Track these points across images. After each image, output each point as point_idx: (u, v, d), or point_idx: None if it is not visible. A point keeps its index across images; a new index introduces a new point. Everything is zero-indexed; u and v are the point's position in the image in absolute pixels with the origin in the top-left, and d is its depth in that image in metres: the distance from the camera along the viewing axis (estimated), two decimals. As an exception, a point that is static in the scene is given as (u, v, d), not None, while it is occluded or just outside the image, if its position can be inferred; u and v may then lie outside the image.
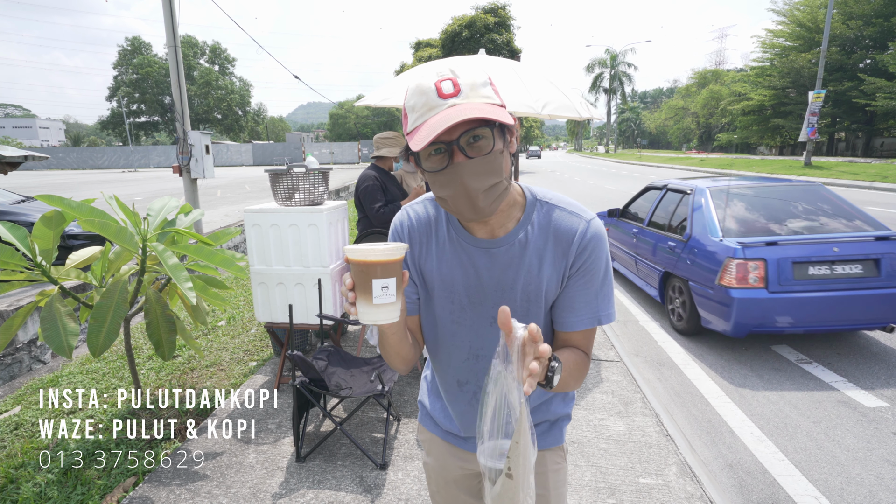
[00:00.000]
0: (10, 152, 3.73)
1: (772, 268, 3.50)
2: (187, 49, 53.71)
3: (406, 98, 0.88)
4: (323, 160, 38.22)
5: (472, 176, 0.85)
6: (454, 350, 1.06)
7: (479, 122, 0.83)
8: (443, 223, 1.03)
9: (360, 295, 0.80)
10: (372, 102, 3.89)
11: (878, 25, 26.22)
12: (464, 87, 0.84)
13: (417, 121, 0.85)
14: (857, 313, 3.52)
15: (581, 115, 3.74)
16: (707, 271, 3.80)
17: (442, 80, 0.84)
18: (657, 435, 2.73)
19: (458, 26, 26.55)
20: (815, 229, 3.83)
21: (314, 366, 2.51)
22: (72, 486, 2.36)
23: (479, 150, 0.85)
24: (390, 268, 0.79)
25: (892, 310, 3.49)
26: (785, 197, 4.24)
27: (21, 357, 3.83)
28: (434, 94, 0.83)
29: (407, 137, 0.88)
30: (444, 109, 0.82)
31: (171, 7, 7.01)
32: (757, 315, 3.52)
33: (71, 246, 6.00)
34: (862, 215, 4.01)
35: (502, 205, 0.95)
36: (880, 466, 2.52)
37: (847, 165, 21.73)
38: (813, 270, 3.52)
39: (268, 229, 3.17)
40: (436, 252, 1.02)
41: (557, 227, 0.97)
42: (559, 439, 1.15)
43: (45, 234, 2.33)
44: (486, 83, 0.86)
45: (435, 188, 0.90)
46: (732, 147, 46.79)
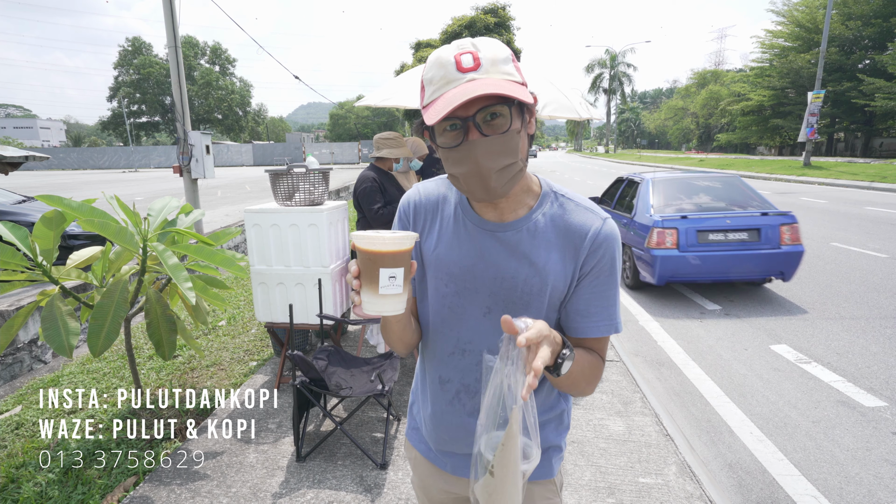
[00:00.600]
0: (11, 152, 3.73)
1: (682, 234, 4.84)
2: (188, 49, 53.71)
3: (424, 70, 0.85)
4: (323, 160, 38.21)
5: (487, 154, 0.81)
6: (441, 340, 1.00)
7: (497, 99, 0.79)
8: (451, 201, 0.99)
9: (365, 284, 0.77)
10: (372, 103, 3.90)
11: (877, 26, 26.24)
12: (484, 62, 0.80)
13: (434, 94, 0.82)
14: (744, 268, 4.86)
15: (581, 116, 3.75)
16: (641, 238, 5.13)
17: (462, 52, 0.80)
18: (657, 434, 2.73)
19: (459, 27, 26.55)
20: (717, 208, 5.15)
21: (314, 366, 2.51)
22: (72, 486, 2.37)
23: (496, 128, 0.81)
24: (399, 258, 0.76)
25: (769, 266, 4.83)
26: (705, 185, 5.61)
27: (22, 357, 3.83)
28: (453, 67, 0.80)
29: (423, 111, 0.84)
30: (463, 83, 0.79)
31: (172, 7, 7.02)
32: (672, 268, 4.87)
33: (71, 246, 6.00)
34: (759, 199, 5.29)
35: (515, 188, 0.91)
36: (879, 466, 2.52)
37: (846, 165, 21.74)
38: (712, 237, 4.87)
39: (268, 229, 3.17)
40: (438, 230, 0.98)
41: (570, 221, 0.92)
42: (550, 472, 1.05)
43: (46, 234, 2.34)
44: (508, 59, 0.82)
45: (448, 165, 0.87)
46: (732, 147, 46.80)
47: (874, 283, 5.43)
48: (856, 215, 9.80)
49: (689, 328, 4.50)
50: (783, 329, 4.33)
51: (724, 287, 5.60)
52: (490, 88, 0.76)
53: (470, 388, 0.99)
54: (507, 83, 0.79)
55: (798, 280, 5.59)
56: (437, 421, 1.04)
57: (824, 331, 4.24)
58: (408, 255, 0.78)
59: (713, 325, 4.53)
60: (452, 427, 1.02)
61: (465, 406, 1.00)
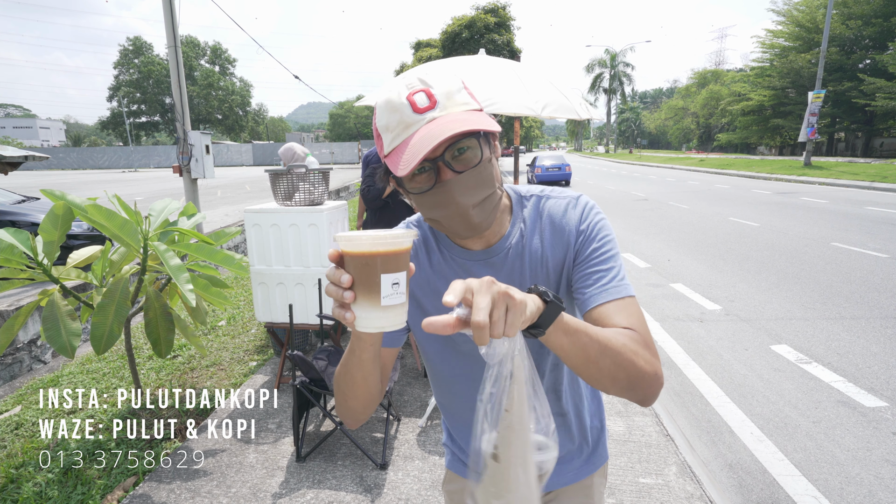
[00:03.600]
0: (11, 152, 3.73)
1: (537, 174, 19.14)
2: (189, 49, 53.76)
3: (376, 118, 0.79)
4: (323, 160, 38.23)
5: (464, 191, 0.77)
6: (465, 379, 0.96)
7: (464, 134, 0.74)
8: (432, 244, 0.94)
9: (361, 295, 0.64)
10: (372, 102, 3.90)
11: (877, 25, 26.23)
12: (440, 98, 0.75)
13: (394, 141, 0.76)
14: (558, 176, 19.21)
15: (580, 116, 3.75)
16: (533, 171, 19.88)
17: (413, 92, 0.75)
18: (657, 435, 2.73)
19: (458, 26, 26.54)
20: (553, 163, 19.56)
21: (314, 366, 2.51)
22: (72, 486, 2.36)
23: (467, 162, 0.77)
24: (402, 258, 0.64)
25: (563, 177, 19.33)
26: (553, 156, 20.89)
27: (21, 357, 3.83)
28: (408, 110, 0.75)
29: (386, 161, 0.78)
30: (424, 125, 0.74)
31: (172, 7, 7.02)
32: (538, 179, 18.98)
33: (71, 246, 6.00)
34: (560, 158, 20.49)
35: None
36: (880, 466, 2.52)
37: (847, 165, 21.73)
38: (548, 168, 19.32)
39: (268, 229, 3.17)
40: (431, 275, 0.93)
41: (550, 215, 0.91)
42: (604, 455, 1.06)
43: (52, 229, 2.35)
44: (461, 88, 0.79)
45: (424, 210, 0.81)
46: (732, 147, 46.81)
47: (875, 283, 5.42)
48: (856, 215, 9.80)
49: (690, 328, 4.50)
50: (784, 329, 4.33)
51: (724, 287, 5.60)
52: (457, 127, 0.71)
53: None
54: (469, 115, 0.75)
55: (798, 280, 5.60)
56: None
57: (825, 331, 4.24)
58: (408, 256, 0.68)
59: (713, 326, 4.53)
60: None
61: None
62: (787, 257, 6.67)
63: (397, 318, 0.65)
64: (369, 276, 0.63)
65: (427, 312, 0.92)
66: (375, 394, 0.85)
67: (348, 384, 0.82)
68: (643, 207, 12.38)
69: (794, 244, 7.42)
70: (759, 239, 7.91)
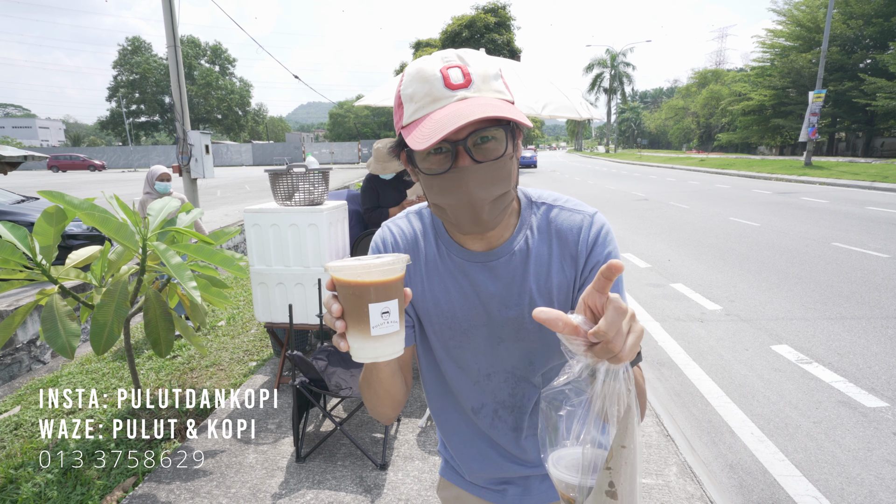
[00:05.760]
0: (10, 152, 3.73)
1: None
2: (189, 49, 53.73)
3: (402, 84, 0.74)
4: (323, 160, 38.23)
5: (479, 183, 0.72)
6: (460, 380, 0.93)
7: (492, 122, 0.70)
8: (430, 237, 0.89)
9: (352, 325, 0.62)
10: (372, 102, 3.89)
11: (878, 25, 26.21)
12: (475, 78, 0.70)
13: (417, 112, 0.71)
14: (527, 162, 30.25)
15: (581, 116, 3.74)
16: None
17: (449, 66, 0.70)
18: (657, 435, 2.73)
19: (459, 26, 26.57)
20: None
21: (314, 366, 2.51)
22: (71, 486, 2.36)
23: (488, 153, 0.72)
24: (391, 288, 0.62)
25: (531, 162, 31.16)
26: None
27: (21, 357, 3.83)
28: (440, 83, 0.69)
29: (402, 131, 0.73)
30: (453, 102, 0.69)
31: (171, 7, 7.01)
32: None
33: (70, 246, 6.00)
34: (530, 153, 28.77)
35: None
36: (881, 466, 2.52)
37: (847, 165, 21.72)
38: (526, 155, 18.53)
39: (268, 229, 3.17)
40: (425, 271, 0.88)
41: (559, 227, 0.85)
42: None
43: (47, 230, 2.33)
44: (498, 75, 0.74)
45: (432, 193, 0.77)
46: (733, 147, 46.79)
47: (875, 283, 5.42)
48: (857, 215, 9.79)
49: (690, 328, 4.49)
50: (784, 329, 4.32)
51: (725, 287, 5.60)
52: (489, 110, 0.66)
53: (506, 403, 0.93)
54: (503, 103, 0.70)
55: (799, 280, 5.59)
56: (479, 449, 0.97)
57: (825, 331, 4.23)
58: (400, 284, 0.64)
59: (714, 326, 4.52)
60: (499, 447, 0.96)
61: (506, 423, 0.94)
62: (787, 257, 6.67)
63: (391, 348, 0.63)
64: (358, 306, 0.61)
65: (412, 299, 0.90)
66: (401, 397, 0.87)
67: (373, 396, 0.84)
68: (643, 207, 12.38)
69: (795, 244, 7.41)
70: (760, 239, 7.90)
